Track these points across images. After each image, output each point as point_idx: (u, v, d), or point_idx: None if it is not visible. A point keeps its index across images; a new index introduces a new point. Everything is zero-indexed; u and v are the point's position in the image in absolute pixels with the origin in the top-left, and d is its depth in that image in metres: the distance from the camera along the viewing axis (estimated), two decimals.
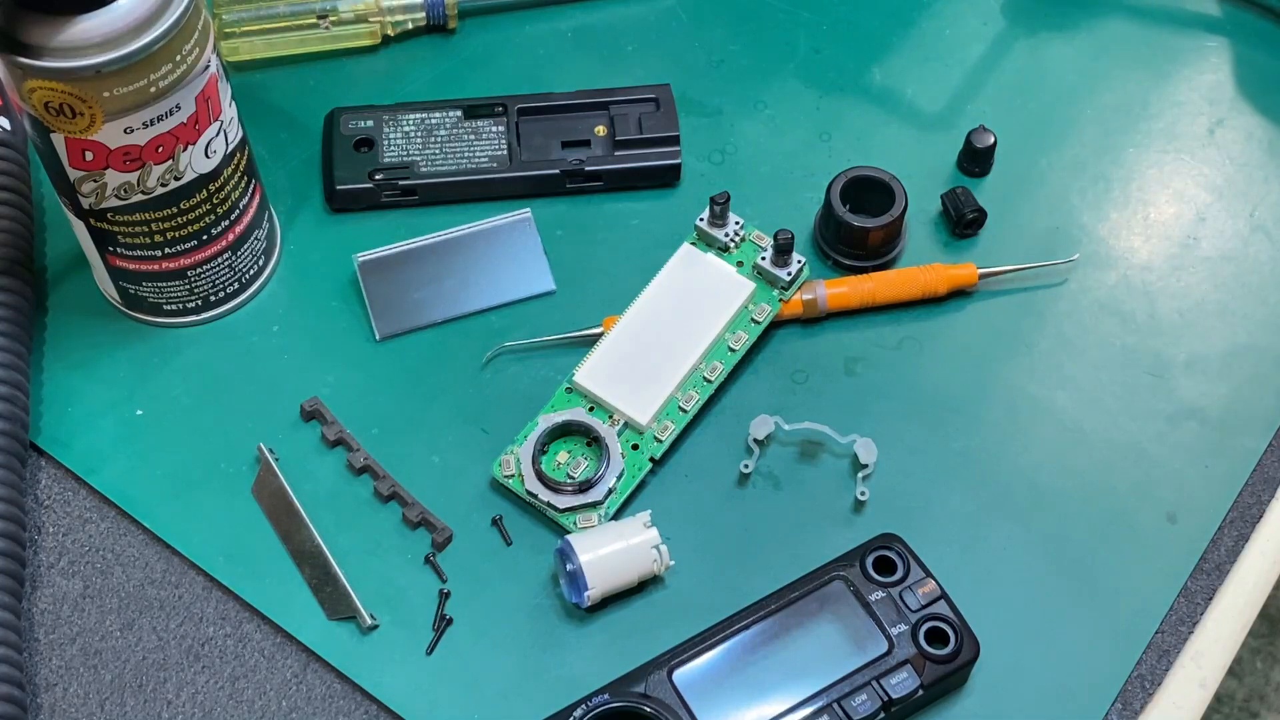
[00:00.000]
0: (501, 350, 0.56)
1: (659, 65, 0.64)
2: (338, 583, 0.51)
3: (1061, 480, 0.54)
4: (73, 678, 0.50)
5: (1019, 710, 0.49)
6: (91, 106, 0.48)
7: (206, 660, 0.50)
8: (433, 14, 0.64)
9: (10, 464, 0.51)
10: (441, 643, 0.50)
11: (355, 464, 0.53)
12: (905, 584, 0.49)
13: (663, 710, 0.47)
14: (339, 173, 0.59)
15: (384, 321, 0.57)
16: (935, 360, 0.56)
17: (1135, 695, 0.50)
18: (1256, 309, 0.58)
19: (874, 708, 0.47)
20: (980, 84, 0.64)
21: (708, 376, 0.54)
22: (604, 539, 0.50)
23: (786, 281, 0.56)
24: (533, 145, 0.60)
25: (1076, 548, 0.52)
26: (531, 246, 0.59)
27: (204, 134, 0.51)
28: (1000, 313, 0.58)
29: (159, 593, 0.52)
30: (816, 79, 0.64)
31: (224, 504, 0.53)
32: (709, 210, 0.57)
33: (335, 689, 0.50)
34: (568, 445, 0.53)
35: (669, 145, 0.60)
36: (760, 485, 0.54)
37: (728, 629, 0.48)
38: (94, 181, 0.51)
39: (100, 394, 0.55)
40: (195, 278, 0.56)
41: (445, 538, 0.52)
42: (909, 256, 0.59)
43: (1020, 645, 0.50)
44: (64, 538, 0.53)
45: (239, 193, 0.55)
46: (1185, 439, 0.54)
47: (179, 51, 0.48)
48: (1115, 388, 0.56)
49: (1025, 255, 0.59)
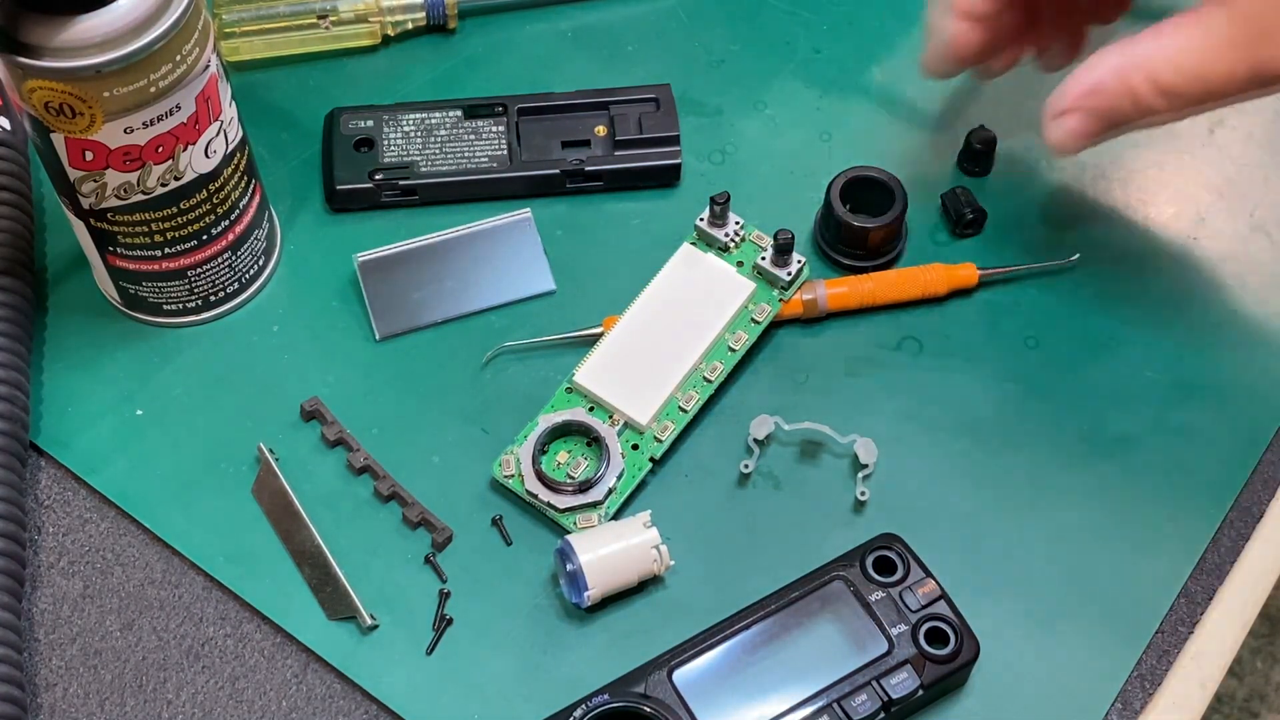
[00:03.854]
0: (501, 350, 0.56)
1: (659, 65, 0.64)
2: (338, 583, 0.51)
3: (1062, 480, 0.54)
4: (73, 678, 0.50)
5: (1019, 710, 0.49)
6: (91, 106, 0.48)
7: (206, 660, 0.50)
8: (433, 14, 0.64)
9: (10, 464, 0.51)
10: (441, 643, 0.50)
11: (355, 464, 0.53)
12: (905, 584, 0.49)
13: (663, 710, 0.47)
14: (339, 173, 0.59)
15: (384, 321, 0.57)
16: (935, 360, 0.56)
17: (1135, 695, 0.50)
18: (1256, 309, 0.58)
19: (874, 708, 0.47)
20: (980, 84, 0.64)
21: (708, 376, 0.54)
22: (604, 539, 0.50)
23: (786, 281, 0.56)
24: (533, 145, 0.60)
25: (1076, 548, 0.52)
26: (531, 246, 0.59)
27: (204, 134, 0.51)
28: (1000, 313, 0.58)
29: (159, 593, 0.52)
30: (816, 79, 0.64)
31: (224, 504, 0.53)
32: (709, 210, 0.57)
33: (335, 689, 0.50)
34: (568, 445, 0.53)
35: (669, 145, 0.60)
36: (760, 485, 0.54)
37: (728, 629, 0.48)
38: (94, 181, 0.51)
39: (100, 394, 0.56)
40: (195, 278, 0.56)
41: (445, 538, 0.52)
42: (909, 256, 0.59)
43: (1020, 645, 0.50)
44: (64, 538, 0.53)
45: (239, 193, 0.55)
46: (1185, 438, 0.54)
47: (179, 51, 0.49)
48: (1115, 387, 0.56)
49: (1025, 255, 0.59)
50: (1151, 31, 0.49)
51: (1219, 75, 0.48)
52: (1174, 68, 0.48)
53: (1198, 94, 0.48)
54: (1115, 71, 0.49)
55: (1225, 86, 0.48)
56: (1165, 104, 0.49)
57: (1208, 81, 0.48)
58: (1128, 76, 0.49)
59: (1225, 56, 0.47)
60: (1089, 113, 0.51)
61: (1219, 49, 0.47)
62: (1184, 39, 0.48)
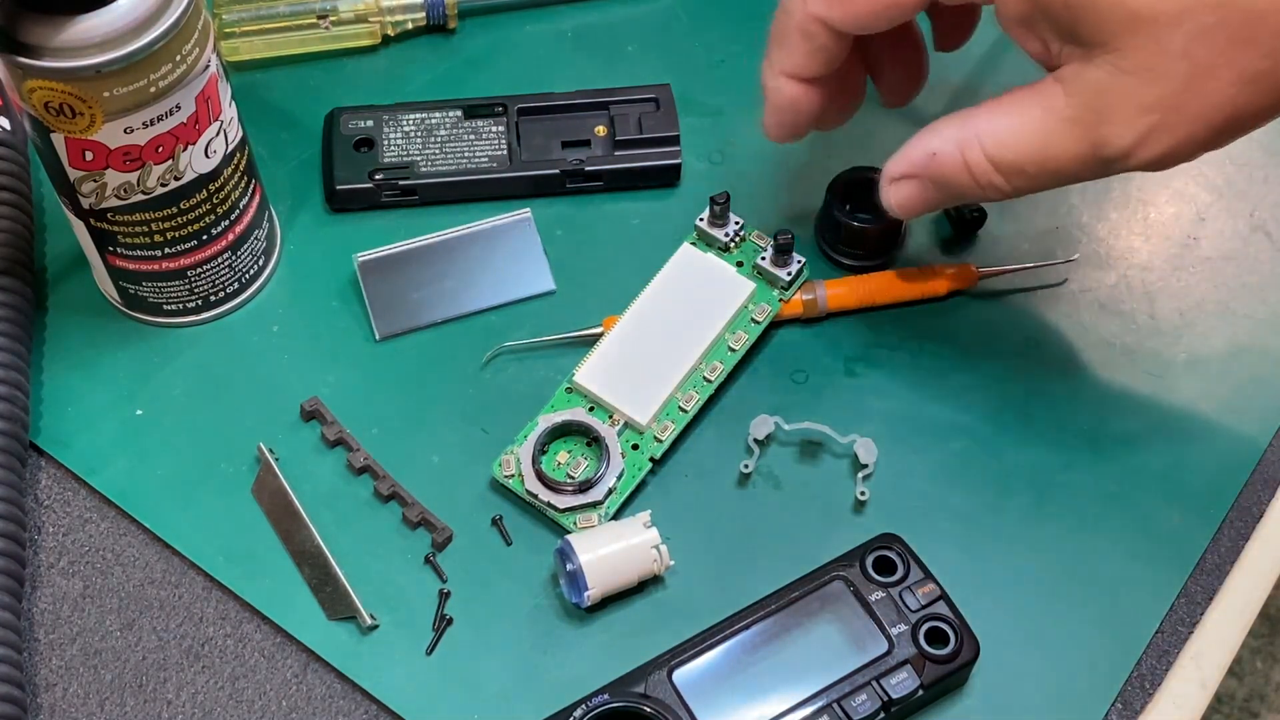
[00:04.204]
0: (501, 350, 0.56)
1: (659, 65, 0.64)
2: (338, 583, 0.51)
3: (1062, 480, 0.54)
4: (73, 678, 0.50)
5: (1019, 710, 0.49)
6: (91, 106, 0.48)
7: (206, 660, 0.50)
8: (433, 14, 0.64)
9: (10, 464, 0.51)
10: (441, 643, 0.50)
11: (355, 464, 0.53)
12: (905, 584, 0.49)
13: (663, 710, 0.47)
14: (339, 173, 0.59)
15: (384, 321, 0.57)
16: (935, 360, 0.56)
17: (1135, 695, 0.50)
18: (1256, 309, 0.58)
19: (874, 708, 0.47)
20: (980, 84, 0.64)
21: (708, 376, 0.54)
22: (604, 539, 0.50)
23: (786, 281, 0.56)
24: (533, 145, 0.60)
25: (1076, 548, 0.52)
26: (531, 246, 0.59)
27: (204, 134, 0.51)
28: (1000, 313, 0.58)
29: (159, 593, 0.52)
30: None
31: (224, 504, 0.53)
32: (709, 210, 0.57)
33: (335, 689, 0.50)
34: (568, 445, 0.53)
35: (669, 145, 0.60)
36: (760, 485, 0.54)
37: (728, 629, 0.48)
38: (94, 181, 0.51)
39: (100, 394, 0.56)
40: (195, 278, 0.56)
41: (445, 538, 0.52)
42: (909, 257, 0.59)
43: (1020, 645, 0.50)
44: (64, 538, 0.53)
45: (239, 193, 0.55)
46: (1184, 439, 0.54)
47: (179, 51, 0.49)
48: (1115, 387, 0.56)
49: (1025, 255, 0.59)
50: (989, 106, 0.47)
51: (1058, 155, 0.46)
52: (1012, 146, 0.47)
53: (1035, 173, 0.47)
54: (953, 143, 0.48)
55: (1066, 166, 0.46)
56: (1003, 181, 0.47)
57: (1046, 161, 0.46)
58: (965, 150, 0.47)
59: (1064, 135, 0.46)
60: (925, 182, 0.49)
61: (1058, 128, 0.46)
62: (1022, 116, 0.47)
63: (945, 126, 0.49)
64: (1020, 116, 0.47)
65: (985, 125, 0.47)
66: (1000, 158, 0.47)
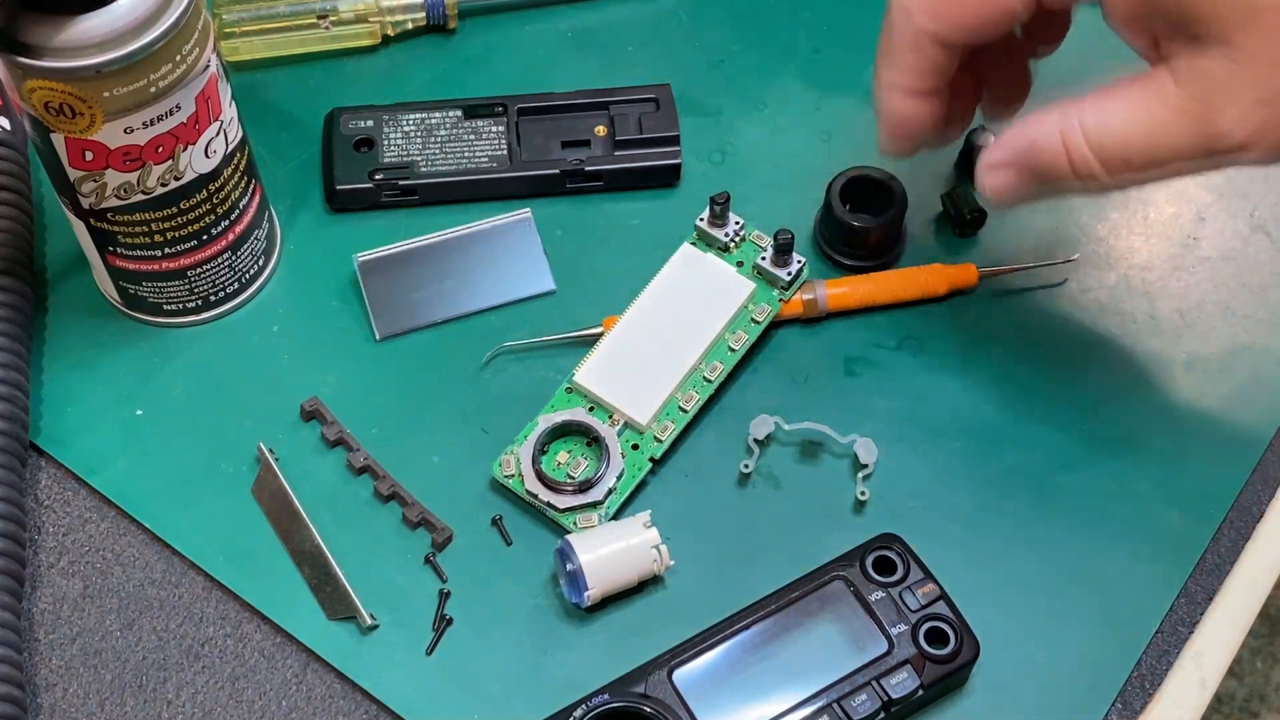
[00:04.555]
0: (501, 350, 0.56)
1: (659, 65, 0.64)
2: (338, 583, 0.51)
3: (1062, 480, 0.54)
4: (73, 678, 0.50)
5: (1019, 710, 0.49)
6: (91, 106, 0.48)
7: (206, 660, 0.50)
8: (433, 14, 0.64)
9: (10, 464, 0.51)
10: (441, 643, 0.50)
11: (355, 464, 0.53)
12: (905, 584, 0.49)
13: (663, 710, 0.47)
14: (339, 173, 0.59)
15: (384, 321, 0.57)
16: (935, 360, 0.56)
17: (1135, 695, 0.50)
18: (1256, 309, 0.58)
19: (874, 708, 0.47)
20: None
21: (708, 376, 0.54)
22: (604, 539, 0.50)
23: (786, 281, 0.56)
24: (533, 145, 0.60)
25: (1076, 548, 0.52)
26: (531, 246, 0.59)
27: (204, 134, 0.51)
28: (1000, 313, 0.58)
29: (159, 593, 0.52)
30: (816, 79, 0.64)
31: (224, 504, 0.53)
32: (709, 210, 0.57)
33: (335, 689, 0.50)
34: (568, 445, 0.53)
35: (669, 145, 0.60)
36: (760, 485, 0.54)
37: (728, 629, 0.48)
38: (94, 181, 0.51)
39: (100, 394, 0.56)
40: (195, 278, 0.56)
41: (445, 538, 0.52)
42: (909, 256, 0.59)
43: (1020, 645, 0.50)
44: (64, 538, 0.53)
45: (239, 193, 0.55)
46: (1184, 439, 0.54)
47: (179, 51, 0.49)
48: (1115, 388, 0.56)
49: (1025, 255, 0.59)
50: (1094, 95, 0.47)
51: (1166, 145, 0.45)
52: (1117, 134, 0.46)
53: (1141, 163, 0.46)
54: (1054, 133, 0.47)
55: (1172, 158, 0.45)
56: (1104, 171, 0.47)
57: (1153, 152, 0.45)
58: (1067, 138, 0.47)
59: (1173, 127, 0.45)
60: (1023, 170, 0.49)
61: (1168, 117, 0.45)
62: (1129, 105, 0.46)
63: (1047, 115, 0.48)
64: (1127, 105, 0.46)
65: (1090, 114, 0.47)
66: (1105, 146, 0.46)
